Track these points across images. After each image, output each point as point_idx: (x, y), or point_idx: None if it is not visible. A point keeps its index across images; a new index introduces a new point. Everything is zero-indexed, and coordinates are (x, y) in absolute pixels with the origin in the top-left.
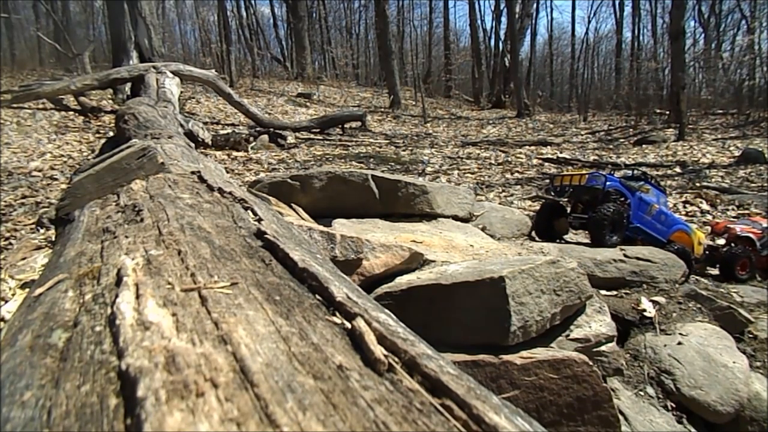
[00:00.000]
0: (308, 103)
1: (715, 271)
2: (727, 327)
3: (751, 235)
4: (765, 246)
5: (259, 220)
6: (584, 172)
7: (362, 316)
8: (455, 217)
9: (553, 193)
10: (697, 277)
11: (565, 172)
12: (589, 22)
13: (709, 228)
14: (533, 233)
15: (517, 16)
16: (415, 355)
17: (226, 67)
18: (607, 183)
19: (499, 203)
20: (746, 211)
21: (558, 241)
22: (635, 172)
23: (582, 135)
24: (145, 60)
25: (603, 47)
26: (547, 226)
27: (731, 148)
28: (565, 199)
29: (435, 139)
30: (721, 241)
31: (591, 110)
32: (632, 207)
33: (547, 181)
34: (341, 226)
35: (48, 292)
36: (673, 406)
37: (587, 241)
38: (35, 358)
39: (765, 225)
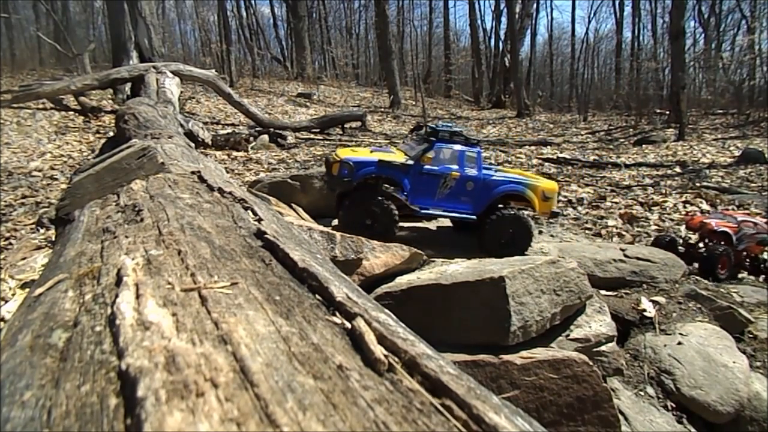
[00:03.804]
0: (308, 103)
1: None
2: (727, 327)
3: (727, 230)
4: (741, 240)
5: (259, 220)
6: (342, 157)
7: (362, 316)
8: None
9: (326, 179)
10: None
11: (333, 155)
12: (589, 22)
13: (684, 224)
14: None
15: (517, 16)
16: (415, 355)
17: (226, 67)
18: (360, 172)
19: None
20: (746, 211)
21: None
22: (440, 126)
23: (582, 135)
24: (145, 60)
25: (603, 47)
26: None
27: (731, 148)
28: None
29: None
30: (696, 237)
31: (591, 110)
32: (406, 187)
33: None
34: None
35: (48, 292)
36: (673, 406)
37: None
38: (35, 358)
39: (739, 218)
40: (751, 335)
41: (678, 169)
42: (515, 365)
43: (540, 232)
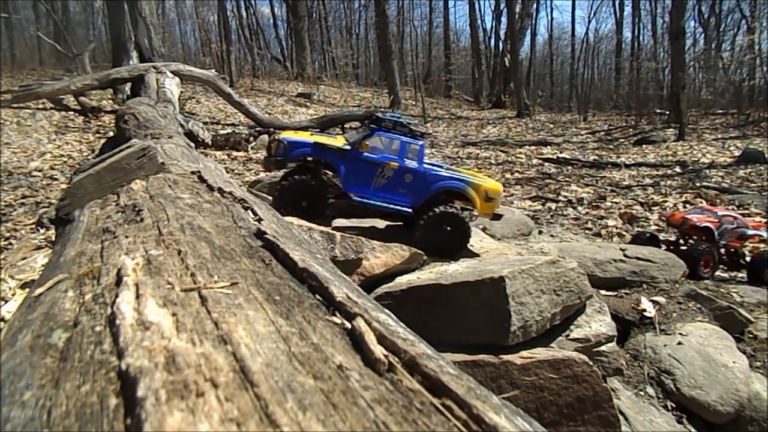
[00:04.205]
0: (308, 103)
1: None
2: (727, 327)
3: (709, 225)
4: (722, 235)
5: (259, 220)
6: (280, 137)
7: (362, 316)
8: None
9: (263, 159)
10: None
11: (276, 135)
12: (589, 22)
13: (665, 219)
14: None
15: (517, 16)
16: (415, 355)
17: (226, 67)
18: (294, 152)
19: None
20: (746, 211)
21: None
22: (387, 115)
23: (582, 135)
24: (145, 60)
25: (603, 47)
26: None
27: (731, 148)
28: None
29: (435, 139)
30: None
31: (591, 110)
32: (341, 173)
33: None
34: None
35: (48, 292)
36: (673, 406)
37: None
38: (35, 358)
39: (720, 213)
40: (751, 335)
41: (678, 169)
42: (515, 365)
43: (540, 232)
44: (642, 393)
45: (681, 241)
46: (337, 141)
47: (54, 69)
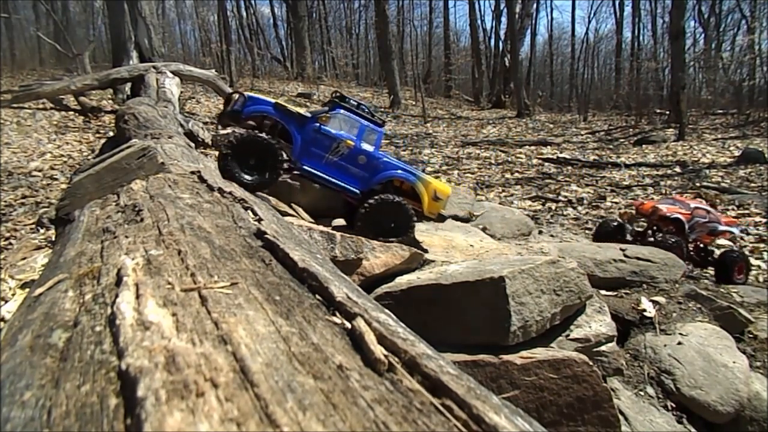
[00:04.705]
0: (308, 103)
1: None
2: (727, 327)
3: (680, 217)
4: (693, 229)
5: (259, 220)
6: (234, 93)
7: (362, 316)
8: (455, 217)
9: (217, 116)
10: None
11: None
12: (589, 22)
13: (633, 209)
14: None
15: (517, 16)
16: (415, 355)
17: (226, 67)
18: (251, 107)
19: (499, 203)
20: (747, 211)
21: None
22: (350, 102)
23: (582, 135)
24: (145, 60)
25: (603, 47)
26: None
27: (731, 148)
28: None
29: (435, 138)
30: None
31: (591, 110)
32: (296, 141)
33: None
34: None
35: (48, 292)
36: (673, 406)
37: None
38: (35, 358)
39: (693, 205)
40: (751, 335)
41: (678, 169)
42: (515, 365)
43: (540, 232)
44: (642, 393)
45: (649, 232)
46: (299, 109)
47: (54, 69)
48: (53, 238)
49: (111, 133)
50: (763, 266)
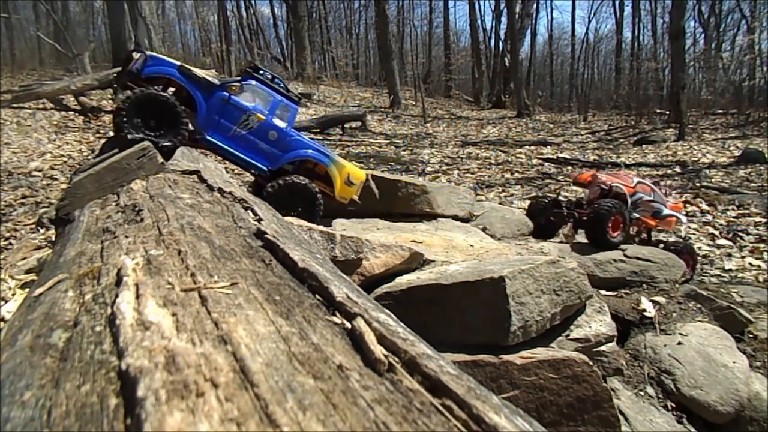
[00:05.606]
0: (308, 103)
1: (582, 238)
2: (727, 327)
3: (622, 189)
4: (636, 205)
5: (259, 220)
6: (134, 52)
7: (362, 316)
8: (455, 217)
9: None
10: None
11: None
12: (589, 22)
13: (571, 179)
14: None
15: (517, 16)
16: (415, 355)
17: (226, 67)
18: (152, 67)
19: (499, 203)
20: (746, 211)
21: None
22: (265, 75)
23: (582, 135)
24: None
25: (603, 47)
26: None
27: (731, 148)
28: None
29: (435, 139)
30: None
31: (591, 110)
32: (200, 108)
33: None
34: (341, 226)
35: (48, 292)
36: (673, 406)
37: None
38: (35, 358)
39: (636, 179)
40: (751, 335)
41: (678, 169)
42: (515, 365)
43: None
44: (642, 393)
45: (584, 203)
46: (207, 74)
47: (54, 69)
48: (53, 238)
49: (111, 133)
50: (763, 266)
